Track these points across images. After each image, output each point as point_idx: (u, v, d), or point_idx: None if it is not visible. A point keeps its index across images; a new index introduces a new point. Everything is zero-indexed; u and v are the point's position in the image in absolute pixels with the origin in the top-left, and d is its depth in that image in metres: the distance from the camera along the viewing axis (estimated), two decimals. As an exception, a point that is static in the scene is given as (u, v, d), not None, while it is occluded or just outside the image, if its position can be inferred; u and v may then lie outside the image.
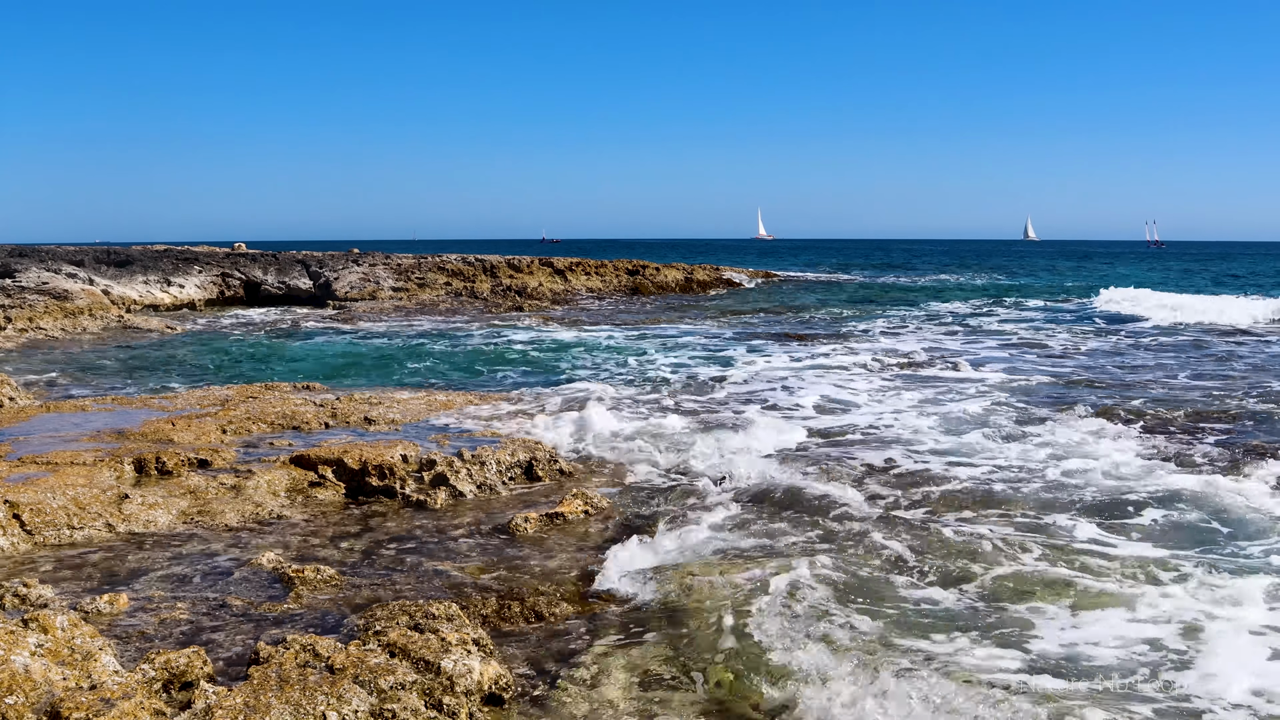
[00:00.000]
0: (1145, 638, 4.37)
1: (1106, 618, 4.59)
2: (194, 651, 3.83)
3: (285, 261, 31.60)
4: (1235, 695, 3.85)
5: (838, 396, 10.96)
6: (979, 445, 8.24)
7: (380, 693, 3.61)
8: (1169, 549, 5.59)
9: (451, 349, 17.52)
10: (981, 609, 4.73)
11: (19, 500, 5.90)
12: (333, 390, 10.69)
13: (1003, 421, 9.29)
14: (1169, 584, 5.00)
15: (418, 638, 4.09)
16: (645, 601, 4.88)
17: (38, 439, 7.70)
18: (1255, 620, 4.54)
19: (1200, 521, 6.06)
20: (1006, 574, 5.13)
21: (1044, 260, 75.37)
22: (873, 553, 5.48)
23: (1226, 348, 16.28)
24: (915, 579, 5.13)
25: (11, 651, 3.61)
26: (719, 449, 8.07)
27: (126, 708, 3.34)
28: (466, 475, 7.09)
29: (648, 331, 19.99)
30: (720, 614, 4.58)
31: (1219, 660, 4.13)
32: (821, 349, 16.18)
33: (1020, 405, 10.28)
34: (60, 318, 21.27)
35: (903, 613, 4.66)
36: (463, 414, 9.27)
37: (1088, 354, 15.67)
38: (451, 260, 34.49)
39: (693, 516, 6.27)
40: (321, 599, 4.87)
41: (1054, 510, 6.31)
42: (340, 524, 6.29)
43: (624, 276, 36.06)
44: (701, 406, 10.41)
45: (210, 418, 8.47)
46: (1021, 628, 4.49)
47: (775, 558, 5.39)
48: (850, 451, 8.11)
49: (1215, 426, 9.14)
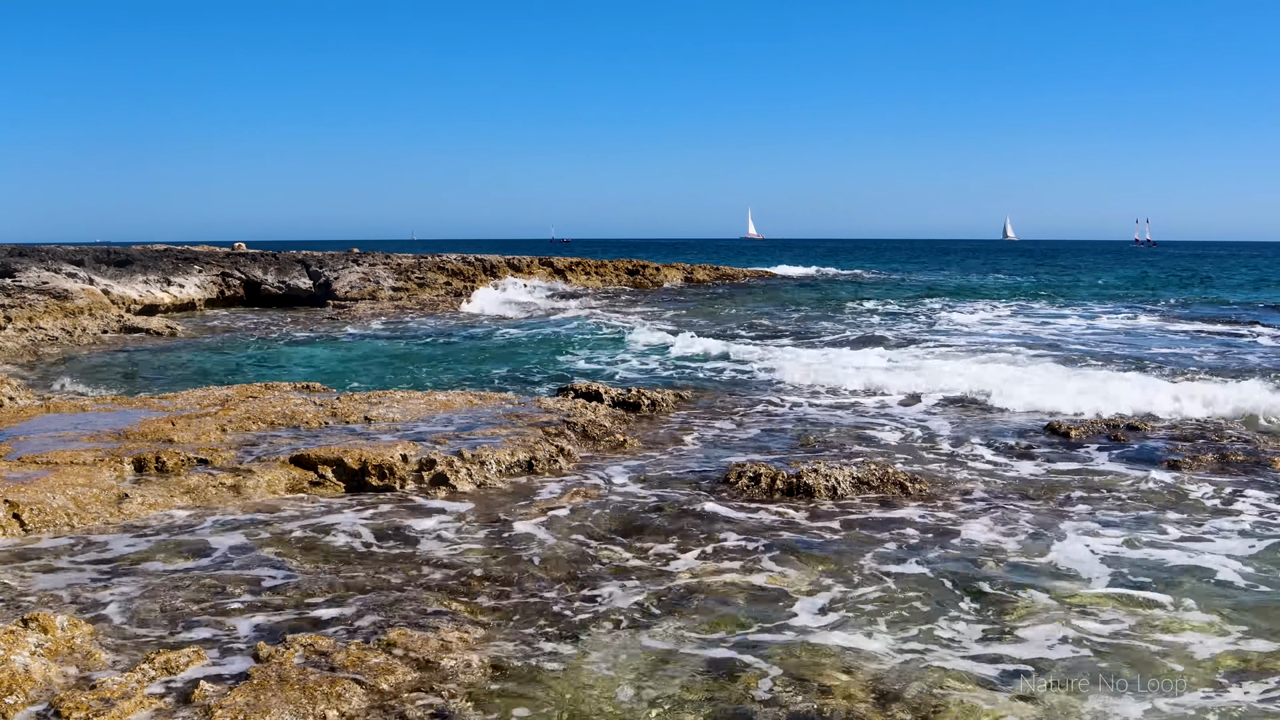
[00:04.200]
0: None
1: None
2: (194, 651, 3.83)
3: (285, 261, 31.59)
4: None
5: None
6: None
7: (380, 692, 3.61)
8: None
9: (452, 348, 17.52)
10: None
11: (19, 500, 5.90)
12: (332, 390, 10.70)
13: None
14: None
15: (417, 636, 4.09)
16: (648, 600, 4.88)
17: (38, 438, 7.70)
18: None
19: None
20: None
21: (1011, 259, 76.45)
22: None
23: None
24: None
25: (11, 651, 3.61)
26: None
27: (126, 707, 3.35)
28: (466, 474, 7.09)
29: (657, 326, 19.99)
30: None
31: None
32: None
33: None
34: (60, 317, 21.28)
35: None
36: (463, 413, 9.27)
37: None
38: (451, 260, 34.49)
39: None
40: (321, 598, 4.87)
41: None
42: (340, 523, 6.29)
43: (624, 276, 36.07)
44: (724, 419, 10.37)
45: (210, 417, 8.47)
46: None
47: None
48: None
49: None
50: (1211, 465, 7.74)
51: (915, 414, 10.25)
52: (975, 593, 5.06)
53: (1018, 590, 5.08)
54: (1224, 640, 4.44)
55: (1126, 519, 6.38)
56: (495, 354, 16.55)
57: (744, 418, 10.00)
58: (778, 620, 4.73)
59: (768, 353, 15.12)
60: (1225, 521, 6.30)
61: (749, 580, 5.28)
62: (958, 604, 4.93)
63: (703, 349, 15.76)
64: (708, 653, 4.34)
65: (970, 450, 8.47)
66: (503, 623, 4.66)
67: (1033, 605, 4.87)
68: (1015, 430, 9.30)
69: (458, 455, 7.27)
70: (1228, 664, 4.21)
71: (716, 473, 7.51)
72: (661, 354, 15.87)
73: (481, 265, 34.15)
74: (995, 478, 7.50)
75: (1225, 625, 4.62)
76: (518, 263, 34.81)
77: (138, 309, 24.76)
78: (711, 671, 4.15)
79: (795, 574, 5.38)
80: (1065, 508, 6.65)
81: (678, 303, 28.26)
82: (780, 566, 5.49)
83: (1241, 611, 4.78)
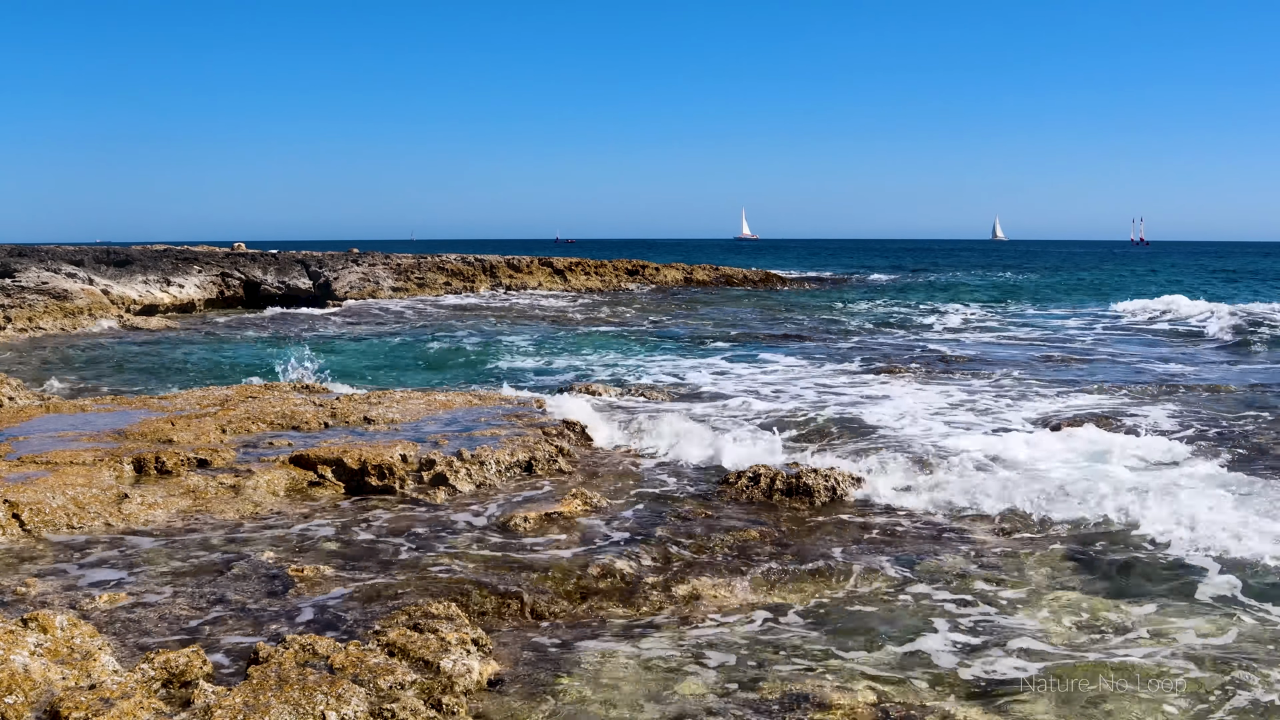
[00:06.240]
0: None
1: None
2: (193, 651, 3.83)
3: (285, 261, 31.59)
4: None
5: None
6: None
7: (380, 692, 3.61)
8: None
9: (451, 348, 17.52)
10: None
11: (18, 500, 5.90)
12: (332, 390, 10.69)
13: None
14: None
15: (417, 637, 4.09)
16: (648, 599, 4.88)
17: (37, 439, 7.69)
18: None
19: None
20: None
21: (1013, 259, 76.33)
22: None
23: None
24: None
25: (11, 651, 3.61)
26: (713, 442, 8.07)
27: (126, 707, 3.34)
28: (466, 475, 7.09)
29: (662, 328, 19.98)
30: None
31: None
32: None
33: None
34: (60, 317, 21.27)
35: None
36: (462, 414, 9.27)
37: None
38: (451, 260, 34.49)
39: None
40: (321, 598, 4.87)
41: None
42: (340, 523, 6.29)
43: (623, 276, 36.06)
44: (684, 398, 10.40)
45: (209, 417, 8.47)
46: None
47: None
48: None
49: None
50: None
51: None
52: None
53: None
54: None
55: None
56: (495, 355, 16.54)
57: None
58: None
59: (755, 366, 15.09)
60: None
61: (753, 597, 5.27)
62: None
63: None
64: (709, 655, 4.35)
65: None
66: (503, 624, 4.66)
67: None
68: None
69: (457, 455, 7.27)
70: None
71: (717, 476, 7.51)
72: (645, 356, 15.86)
73: (481, 265, 34.14)
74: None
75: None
76: (517, 263, 34.81)
77: (137, 309, 24.75)
78: (712, 673, 4.16)
79: (799, 590, 5.37)
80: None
81: (678, 302, 28.26)
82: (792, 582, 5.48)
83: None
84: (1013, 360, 14.87)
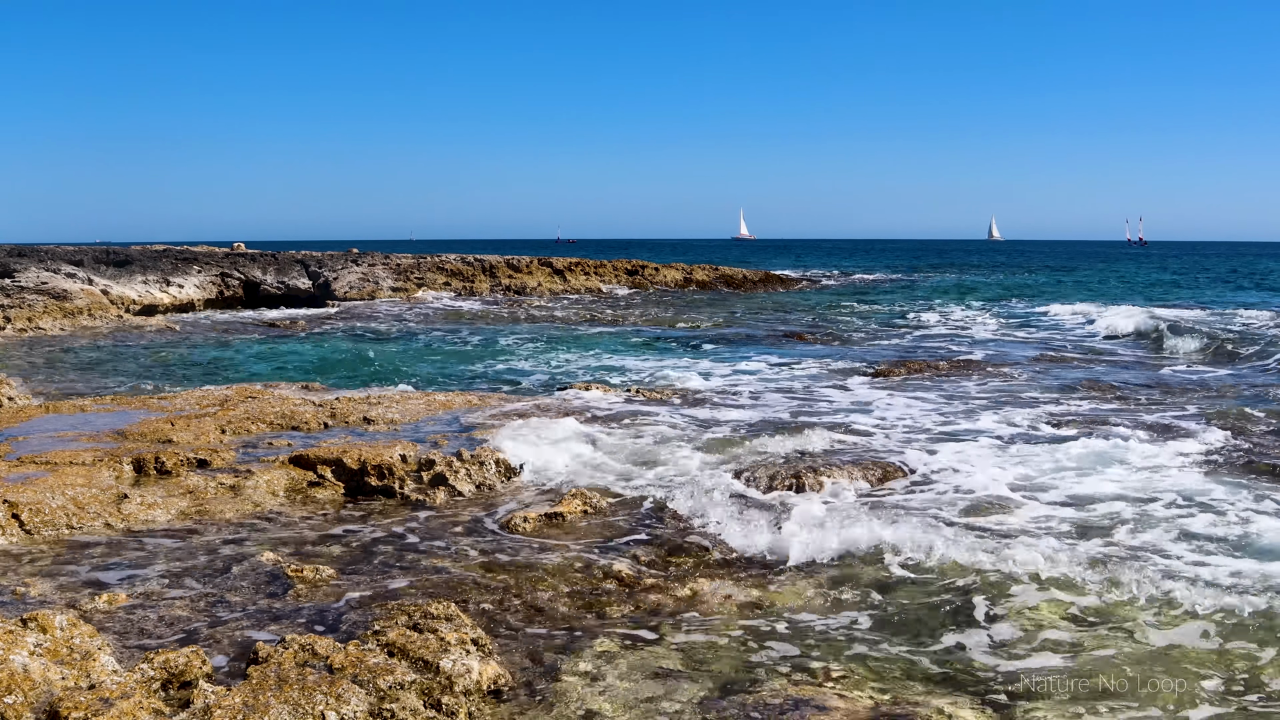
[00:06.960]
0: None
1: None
2: (193, 651, 3.83)
3: (284, 261, 31.59)
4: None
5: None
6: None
7: (379, 692, 3.61)
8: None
9: (451, 349, 17.52)
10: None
11: (18, 500, 5.90)
12: (332, 390, 10.69)
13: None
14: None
15: (416, 637, 4.09)
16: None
17: (37, 439, 7.69)
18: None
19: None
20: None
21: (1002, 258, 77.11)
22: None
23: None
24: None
25: (10, 651, 3.61)
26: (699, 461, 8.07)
27: (125, 707, 3.34)
28: (465, 475, 7.09)
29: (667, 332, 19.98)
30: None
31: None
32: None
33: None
34: (59, 318, 21.27)
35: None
36: (462, 414, 9.27)
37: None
38: (450, 260, 34.49)
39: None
40: (320, 598, 4.87)
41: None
42: (339, 523, 6.29)
43: (623, 276, 36.06)
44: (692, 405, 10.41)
45: (209, 418, 8.46)
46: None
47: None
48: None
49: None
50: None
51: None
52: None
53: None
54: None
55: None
56: (494, 356, 16.54)
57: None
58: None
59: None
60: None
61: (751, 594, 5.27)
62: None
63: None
64: (709, 656, 4.35)
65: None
66: (503, 625, 4.66)
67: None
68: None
69: (457, 456, 7.26)
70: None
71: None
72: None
73: (480, 266, 34.14)
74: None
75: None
76: (517, 263, 34.80)
77: (137, 309, 24.76)
78: (712, 674, 4.16)
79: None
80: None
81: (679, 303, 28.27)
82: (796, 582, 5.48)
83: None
84: (1024, 358, 14.90)
